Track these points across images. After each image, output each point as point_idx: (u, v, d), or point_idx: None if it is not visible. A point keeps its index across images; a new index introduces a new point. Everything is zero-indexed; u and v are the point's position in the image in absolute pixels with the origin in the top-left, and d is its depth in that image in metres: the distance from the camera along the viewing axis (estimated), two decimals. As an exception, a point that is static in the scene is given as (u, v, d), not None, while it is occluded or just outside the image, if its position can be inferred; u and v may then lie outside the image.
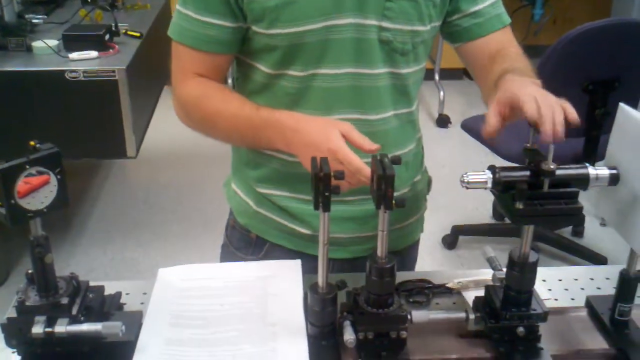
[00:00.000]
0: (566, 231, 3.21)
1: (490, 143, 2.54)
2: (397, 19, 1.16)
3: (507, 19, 1.31)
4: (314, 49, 1.15)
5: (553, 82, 2.44)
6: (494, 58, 1.24)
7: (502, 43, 1.28)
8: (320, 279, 0.98)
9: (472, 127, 2.99)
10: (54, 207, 0.94)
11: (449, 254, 3.10)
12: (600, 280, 1.20)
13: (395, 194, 0.89)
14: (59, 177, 0.94)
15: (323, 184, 0.90)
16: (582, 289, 1.19)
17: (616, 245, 2.89)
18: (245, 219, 1.38)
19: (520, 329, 0.98)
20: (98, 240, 3.16)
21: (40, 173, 0.92)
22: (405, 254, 1.43)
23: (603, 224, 3.21)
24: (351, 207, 1.27)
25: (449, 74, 4.84)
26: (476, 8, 1.25)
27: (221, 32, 1.17)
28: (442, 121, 4.35)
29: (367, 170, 0.99)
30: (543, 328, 1.02)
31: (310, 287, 0.99)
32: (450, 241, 3.12)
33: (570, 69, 2.46)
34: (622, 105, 1.00)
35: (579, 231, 3.19)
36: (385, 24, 1.16)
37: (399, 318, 0.98)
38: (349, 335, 0.96)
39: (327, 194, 0.90)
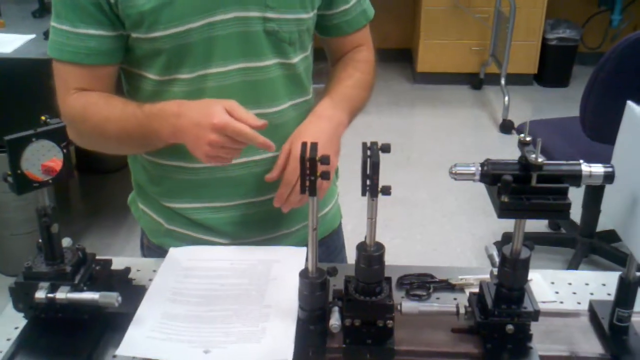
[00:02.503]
0: (624, 245, 3.08)
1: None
2: (280, 9, 1.16)
3: (372, 12, 1.36)
4: (199, 48, 1.13)
5: (610, 88, 2.39)
6: (345, 65, 1.34)
7: (361, 40, 1.36)
8: (310, 264, 0.99)
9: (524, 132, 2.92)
10: (59, 178, 0.99)
11: (498, 261, 3.03)
12: (612, 286, 1.15)
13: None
14: (64, 150, 0.99)
15: (310, 168, 0.91)
16: (592, 294, 1.15)
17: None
18: (158, 238, 1.34)
19: (509, 327, 0.96)
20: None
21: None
22: (331, 242, 1.44)
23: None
24: (261, 209, 1.28)
25: (517, 79, 4.74)
26: (347, 6, 1.30)
27: (101, 43, 1.13)
28: (506, 127, 4.26)
29: (259, 138, 1.01)
30: (539, 329, 1.00)
31: (300, 272, 1.00)
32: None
33: (629, 75, 2.37)
34: (629, 102, 0.96)
35: None
36: (269, 15, 1.15)
37: (386, 307, 0.97)
38: (334, 321, 0.97)
39: (312, 178, 0.91)
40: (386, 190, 0.91)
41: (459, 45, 4.81)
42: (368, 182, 0.91)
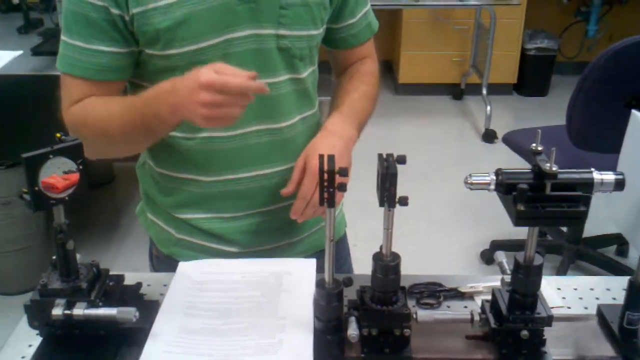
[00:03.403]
0: (610, 250, 3.14)
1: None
2: (292, 26, 1.18)
3: (376, 25, 1.40)
4: None
5: (594, 97, 2.44)
6: (351, 77, 1.36)
7: (366, 53, 1.39)
8: (327, 274, 1.00)
9: (513, 141, 2.97)
10: (75, 195, 1.00)
11: (487, 269, 3.07)
12: (616, 291, 1.19)
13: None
14: (80, 167, 0.99)
15: (328, 180, 0.92)
16: (597, 298, 1.18)
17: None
18: (168, 248, 1.35)
19: (524, 332, 0.98)
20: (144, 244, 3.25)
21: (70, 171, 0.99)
22: (336, 251, 1.43)
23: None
24: (270, 218, 1.30)
25: (497, 89, 4.81)
26: (353, 20, 1.33)
27: (113, 59, 1.14)
28: (489, 136, 4.31)
29: (254, 84, 0.99)
30: (550, 334, 1.01)
31: (317, 282, 1.02)
32: (489, 256, 3.09)
33: (613, 84, 2.42)
34: (634, 112, 0.99)
35: (623, 250, 3.12)
36: (282, 32, 1.18)
37: (403, 316, 0.99)
38: (352, 331, 0.98)
39: (332, 189, 0.93)
40: (404, 201, 0.93)
41: (440, 56, 4.88)
42: (385, 194, 0.92)
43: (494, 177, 0.93)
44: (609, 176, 0.92)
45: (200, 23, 1.12)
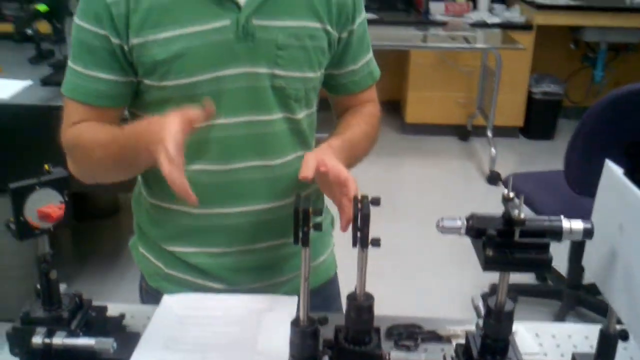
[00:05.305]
0: (610, 296, 3.11)
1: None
2: (288, 67, 1.21)
3: (378, 74, 1.42)
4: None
5: (593, 143, 2.45)
6: (353, 115, 1.37)
7: (367, 98, 1.41)
8: (302, 313, 1.02)
9: (512, 185, 2.98)
10: (59, 226, 1.03)
11: (485, 311, 3.05)
12: (594, 339, 1.19)
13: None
14: (65, 198, 1.02)
15: (302, 219, 0.95)
16: (575, 346, 1.18)
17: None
18: (157, 282, 1.37)
19: (494, 377, 0.99)
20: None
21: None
22: (325, 292, 1.45)
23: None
24: (257, 256, 1.31)
25: (503, 131, 4.85)
26: (354, 67, 1.35)
27: (111, 87, 1.19)
28: (493, 178, 4.33)
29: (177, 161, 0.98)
30: (523, 380, 1.02)
31: (292, 321, 1.03)
32: (488, 299, 3.07)
33: (612, 130, 2.44)
34: (607, 162, 1.01)
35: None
36: (277, 72, 1.20)
37: (375, 357, 1.00)
38: (324, 370, 0.99)
39: (305, 229, 0.95)
40: (376, 242, 0.95)
41: (447, 97, 4.93)
42: (359, 234, 0.95)
43: (465, 222, 0.95)
44: (578, 224, 0.93)
45: (196, 58, 1.15)
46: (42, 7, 2.60)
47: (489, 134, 4.51)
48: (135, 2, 1.14)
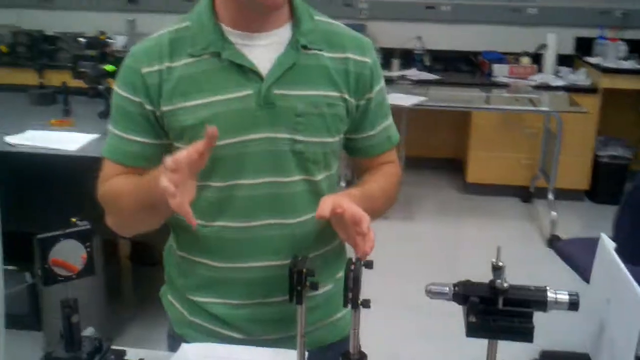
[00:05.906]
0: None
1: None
2: (307, 132, 1.28)
3: (396, 139, 1.47)
4: (232, 162, 1.26)
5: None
6: (374, 173, 1.43)
7: (387, 160, 1.47)
8: (298, 369, 1.07)
9: (565, 250, 2.93)
10: (81, 275, 1.12)
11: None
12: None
13: (321, 290, 0.98)
14: (88, 249, 1.12)
15: (297, 279, 1.00)
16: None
17: None
18: (181, 328, 1.44)
19: None
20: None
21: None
22: (340, 349, 1.45)
23: None
24: (273, 309, 1.35)
25: (568, 194, 4.76)
26: (373, 132, 1.40)
27: (144, 149, 1.29)
28: (553, 242, 4.23)
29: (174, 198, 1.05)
30: None
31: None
32: (539, 366, 3.00)
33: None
34: (602, 235, 1.03)
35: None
36: (297, 137, 1.27)
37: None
38: None
39: (299, 288, 1.00)
40: (366, 304, 0.99)
41: (509, 158, 4.89)
42: (350, 295, 0.99)
43: (452, 288, 0.98)
44: (564, 296, 0.95)
45: (221, 124, 1.22)
46: (109, 68, 2.80)
47: (550, 196, 4.44)
48: (168, 73, 1.25)
